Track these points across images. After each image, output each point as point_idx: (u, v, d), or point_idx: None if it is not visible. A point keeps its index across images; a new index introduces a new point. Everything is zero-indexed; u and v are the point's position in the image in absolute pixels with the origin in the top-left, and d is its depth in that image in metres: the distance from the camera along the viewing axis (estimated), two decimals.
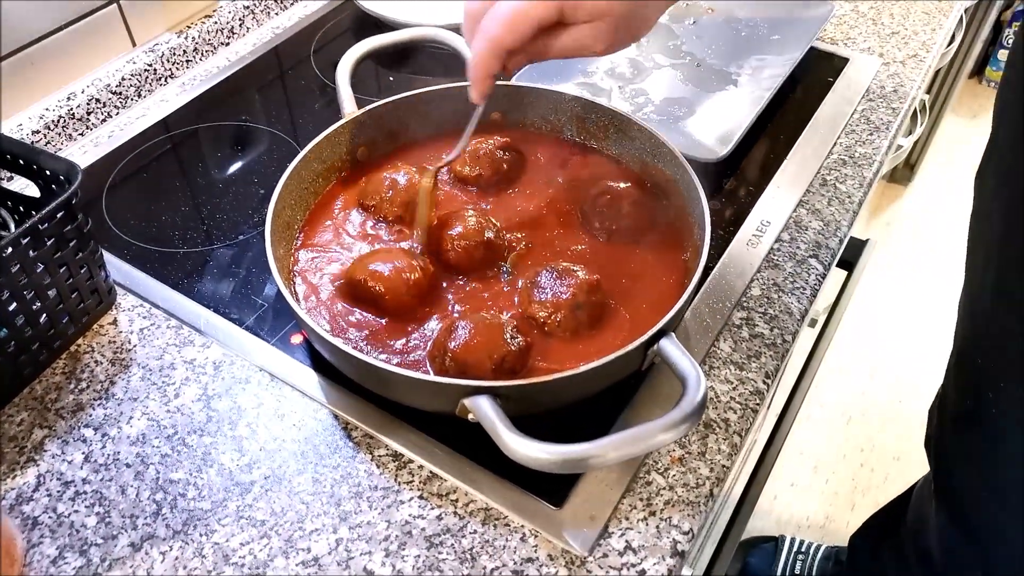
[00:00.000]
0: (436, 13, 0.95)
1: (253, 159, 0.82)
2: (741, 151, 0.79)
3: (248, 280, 0.69)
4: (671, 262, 0.65)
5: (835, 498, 1.66)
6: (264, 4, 0.99)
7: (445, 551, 0.53)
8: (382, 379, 0.56)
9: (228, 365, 0.63)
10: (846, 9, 1.01)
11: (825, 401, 1.81)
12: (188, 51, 0.92)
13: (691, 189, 0.64)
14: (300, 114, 0.88)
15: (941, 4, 1.02)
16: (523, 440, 0.47)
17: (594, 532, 0.53)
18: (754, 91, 0.86)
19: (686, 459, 0.57)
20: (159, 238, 0.73)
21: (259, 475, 0.56)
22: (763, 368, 0.63)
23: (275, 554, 0.52)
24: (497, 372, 0.55)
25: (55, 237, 0.59)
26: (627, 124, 0.71)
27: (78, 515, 0.54)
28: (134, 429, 0.59)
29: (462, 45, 0.76)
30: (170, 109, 0.87)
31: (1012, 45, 0.56)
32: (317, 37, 0.98)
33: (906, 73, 0.91)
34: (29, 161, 0.63)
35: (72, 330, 0.64)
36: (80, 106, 0.83)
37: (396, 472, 0.57)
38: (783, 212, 0.75)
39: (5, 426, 0.59)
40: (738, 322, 0.66)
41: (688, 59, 0.92)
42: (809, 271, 0.70)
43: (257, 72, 0.93)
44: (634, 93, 0.87)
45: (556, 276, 0.60)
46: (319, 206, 0.69)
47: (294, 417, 0.60)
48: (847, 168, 0.80)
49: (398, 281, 0.60)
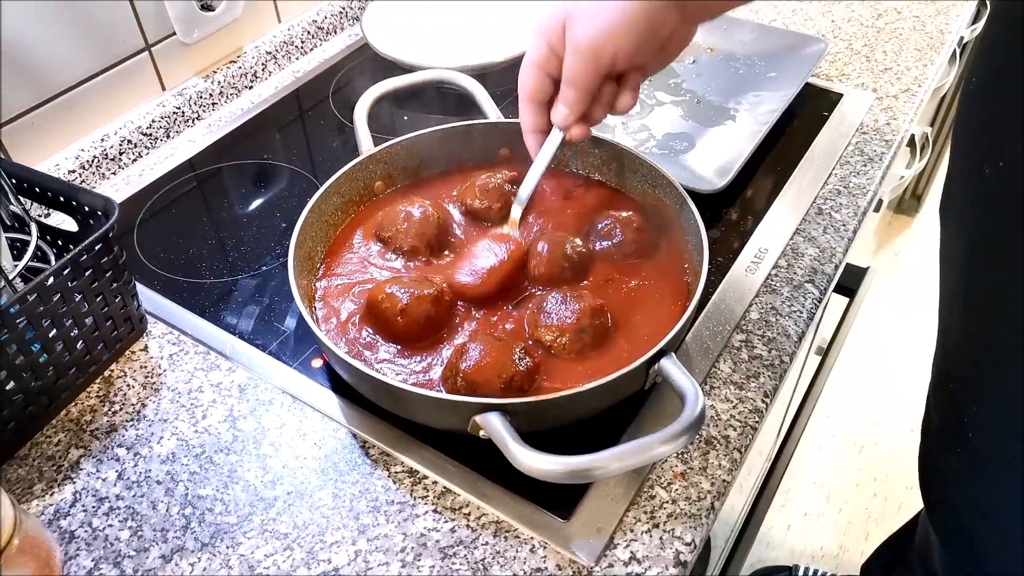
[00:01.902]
0: (447, 56, 1.00)
1: (275, 195, 0.86)
2: (740, 182, 0.83)
3: (271, 308, 0.73)
4: (672, 287, 0.68)
5: (848, 527, 1.66)
6: (286, 49, 1.05)
7: (458, 562, 0.55)
8: (399, 399, 0.59)
9: (253, 388, 0.66)
10: (840, 47, 1.05)
11: (836, 431, 1.82)
12: (214, 94, 0.97)
13: (690, 219, 0.68)
14: (319, 152, 0.93)
15: (932, 41, 1.06)
16: (531, 453, 0.50)
17: (600, 543, 0.56)
18: (752, 126, 0.90)
19: (688, 474, 0.60)
20: (187, 269, 0.77)
21: (282, 491, 0.59)
22: (762, 388, 0.66)
23: (297, 565, 0.55)
24: (506, 391, 0.58)
25: (93, 268, 0.63)
26: (629, 158, 0.75)
27: (112, 529, 0.58)
28: (164, 448, 0.62)
29: (471, 85, 0.81)
30: (197, 149, 0.92)
31: (962, 86, 0.59)
32: (335, 80, 1.03)
33: (899, 107, 0.95)
34: (69, 198, 0.67)
35: (106, 356, 0.68)
36: (113, 147, 0.88)
37: (411, 487, 0.59)
38: (780, 240, 0.78)
39: (43, 446, 0.63)
40: (737, 344, 0.69)
41: (688, 96, 0.96)
42: (806, 296, 0.73)
43: (279, 113, 0.98)
44: (637, 129, 0.91)
45: (562, 301, 0.63)
46: (339, 237, 0.73)
47: (315, 436, 0.63)
48: (842, 198, 0.83)
49: (414, 307, 0.63)
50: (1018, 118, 0.50)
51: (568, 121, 0.62)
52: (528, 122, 0.65)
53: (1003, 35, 0.52)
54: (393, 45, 1.02)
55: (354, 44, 1.10)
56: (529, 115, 0.64)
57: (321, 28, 1.09)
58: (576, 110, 0.61)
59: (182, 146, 0.93)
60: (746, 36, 1.03)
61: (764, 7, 1.14)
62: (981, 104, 0.55)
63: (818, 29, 1.09)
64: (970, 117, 0.57)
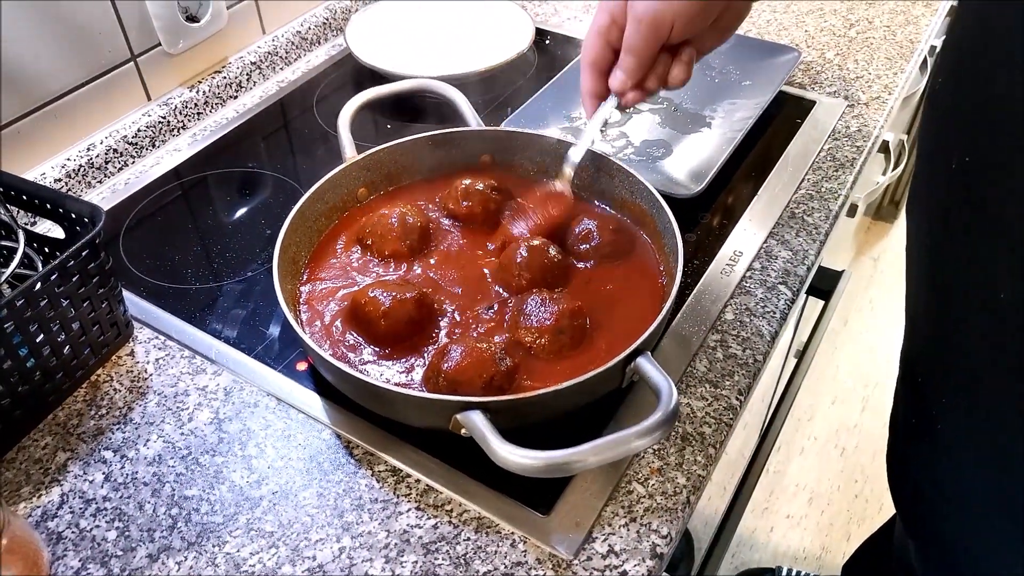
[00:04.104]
0: (429, 66, 1.02)
1: (260, 202, 0.88)
2: (715, 188, 0.85)
3: (256, 313, 0.74)
4: (649, 289, 0.70)
5: (830, 529, 1.68)
6: (270, 60, 1.06)
7: (441, 557, 0.57)
8: (382, 399, 0.60)
9: (238, 391, 0.68)
10: (813, 56, 1.08)
11: (819, 434, 1.84)
12: (199, 104, 0.98)
13: (666, 223, 0.70)
14: (303, 160, 0.94)
15: (903, 50, 1.09)
16: (512, 448, 0.52)
17: (579, 537, 0.57)
18: (727, 132, 0.93)
19: (664, 469, 0.62)
20: (173, 276, 0.78)
21: (267, 491, 0.60)
22: (736, 386, 0.67)
23: (283, 562, 0.56)
24: (487, 390, 0.59)
25: (80, 274, 0.64)
26: (607, 164, 0.77)
27: (99, 530, 0.58)
28: (151, 451, 0.63)
29: (452, 93, 0.83)
30: (182, 158, 0.93)
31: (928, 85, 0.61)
32: (319, 89, 1.05)
33: (870, 114, 0.97)
34: (56, 205, 0.68)
35: (93, 360, 0.69)
36: (99, 156, 0.89)
37: (395, 486, 0.61)
38: (754, 243, 0.80)
39: (30, 450, 0.64)
40: (713, 344, 0.71)
41: (666, 104, 0.98)
42: (779, 296, 0.75)
43: (263, 122, 0.99)
44: (616, 136, 0.93)
45: (541, 303, 0.65)
46: (323, 243, 0.75)
47: (300, 437, 0.64)
48: (814, 202, 0.85)
49: (396, 310, 0.65)
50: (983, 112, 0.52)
51: (625, 87, 0.67)
52: (587, 86, 0.70)
53: (966, 33, 0.54)
54: (376, 55, 1.03)
55: (337, 55, 1.11)
56: (589, 80, 0.69)
57: (305, 39, 1.11)
58: (634, 76, 0.66)
59: (167, 155, 0.94)
60: (722, 46, 1.05)
61: None
62: (948, 100, 0.57)
63: (792, 39, 1.12)
64: (937, 114, 0.59)
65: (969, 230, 0.55)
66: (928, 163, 0.61)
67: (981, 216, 0.53)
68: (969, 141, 0.54)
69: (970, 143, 0.54)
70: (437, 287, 0.70)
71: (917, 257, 0.64)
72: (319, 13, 1.12)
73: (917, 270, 0.64)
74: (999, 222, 0.51)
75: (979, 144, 0.53)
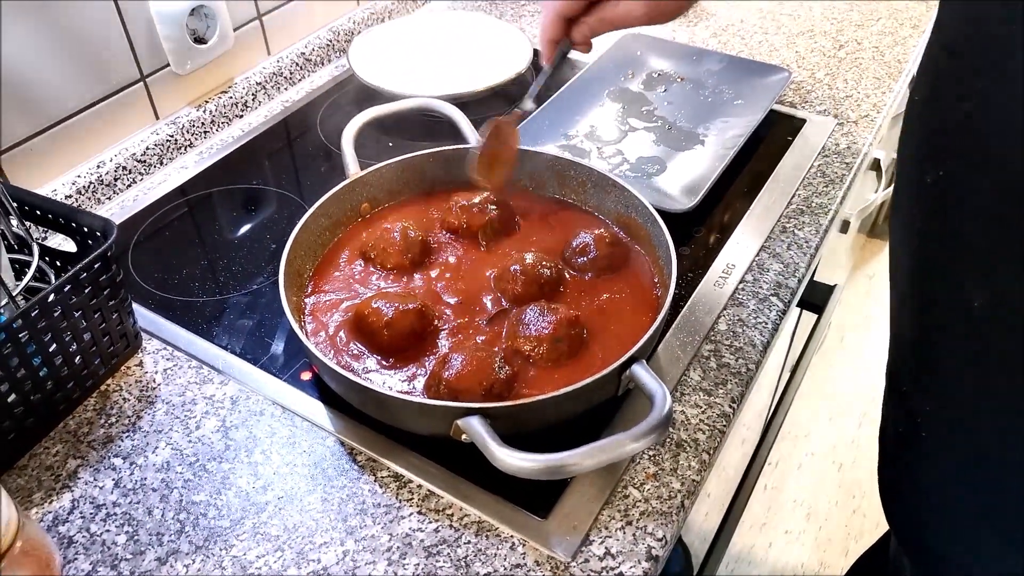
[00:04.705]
0: (429, 85, 1.05)
1: (265, 218, 0.90)
2: (709, 203, 0.87)
3: (261, 324, 0.76)
4: (644, 300, 0.72)
5: (829, 544, 1.69)
6: (275, 80, 1.09)
7: (442, 559, 0.58)
8: (385, 406, 0.62)
9: (244, 400, 0.69)
10: (804, 75, 1.11)
11: (816, 450, 1.86)
12: (206, 123, 1.01)
13: (660, 237, 0.72)
14: (307, 177, 0.96)
15: (891, 70, 1.12)
16: (511, 452, 0.54)
17: (576, 540, 0.59)
18: (719, 150, 0.95)
19: (660, 475, 0.63)
20: (180, 289, 0.80)
21: (273, 496, 0.62)
22: (729, 394, 0.69)
23: (288, 565, 0.58)
24: (487, 397, 0.61)
25: (92, 286, 0.66)
26: (603, 180, 0.79)
27: (109, 534, 0.60)
28: (159, 458, 0.65)
29: (452, 112, 0.85)
30: (189, 175, 0.96)
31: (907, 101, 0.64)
32: (323, 108, 1.07)
33: (859, 132, 1.00)
34: (69, 219, 0.70)
35: (103, 370, 0.70)
36: (108, 173, 0.91)
37: (397, 491, 0.62)
38: (747, 256, 0.82)
39: (42, 457, 0.65)
40: (706, 354, 0.73)
41: (660, 122, 1.01)
42: (771, 308, 0.77)
43: (268, 141, 1.02)
44: (612, 153, 0.96)
45: (539, 313, 0.67)
46: (327, 256, 0.77)
47: (304, 444, 0.66)
48: (805, 217, 0.88)
49: (398, 320, 0.67)
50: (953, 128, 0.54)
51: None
52: (548, 32, 0.76)
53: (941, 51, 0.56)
54: (378, 75, 1.06)
55: (341, 75, 1.14)
56: (551, 28, 0.76)
57: (309, 60, 1.14)
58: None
59: (175, 172, 0.96)
60: (714, 66, 1.09)
61: (732, 39, 1.20)
62: (924, 115, 0.59)
63: (783, 59, 1.15)
64: (913, 129, 0.62)
65: (943, 243, 0.57)
66: (906, 178, 0.63)
67: (952, 231, 0.55)
68: (940, 158, 0.56)
69: (941, 160, 0.56)
70: (438, 298, 0.72)
71: (898, 268, 0.66)
72: (323, 35, 1.16)
73: (899, 281, 0.66)
74: (965, 236, 0.54)
75: (948, 162, 0.55)
